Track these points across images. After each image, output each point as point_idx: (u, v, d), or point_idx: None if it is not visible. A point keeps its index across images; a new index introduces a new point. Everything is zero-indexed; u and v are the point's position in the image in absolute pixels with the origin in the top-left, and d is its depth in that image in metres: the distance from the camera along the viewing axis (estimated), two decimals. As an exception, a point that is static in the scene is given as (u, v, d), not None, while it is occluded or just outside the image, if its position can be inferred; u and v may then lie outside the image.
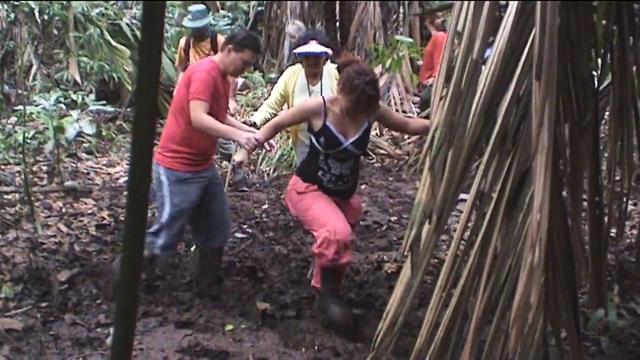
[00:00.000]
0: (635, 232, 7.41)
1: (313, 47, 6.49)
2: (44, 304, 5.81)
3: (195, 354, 4.94)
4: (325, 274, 5.51)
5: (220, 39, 9.55)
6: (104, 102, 11.27)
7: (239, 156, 5.67)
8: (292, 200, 5.61)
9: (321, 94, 6.57)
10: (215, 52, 8.68)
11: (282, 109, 7.05)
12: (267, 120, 6.75)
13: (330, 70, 6.80)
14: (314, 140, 5.39)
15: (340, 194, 5.49)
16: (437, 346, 2.10)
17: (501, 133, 2.02)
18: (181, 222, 5.77)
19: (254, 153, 11.98)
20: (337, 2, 16.50)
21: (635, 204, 8.21)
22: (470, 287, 2.10)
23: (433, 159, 1.97)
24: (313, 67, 6.67)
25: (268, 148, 6.05)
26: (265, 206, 9.27)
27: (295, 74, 6.92)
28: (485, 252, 2.08)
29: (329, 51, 6.68)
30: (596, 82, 2.53)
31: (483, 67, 2.04)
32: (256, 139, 5.27)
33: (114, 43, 11.53)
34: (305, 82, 6.83)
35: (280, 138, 11.48)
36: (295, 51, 6.68)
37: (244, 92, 15.57)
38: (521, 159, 2.07)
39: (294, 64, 7.19)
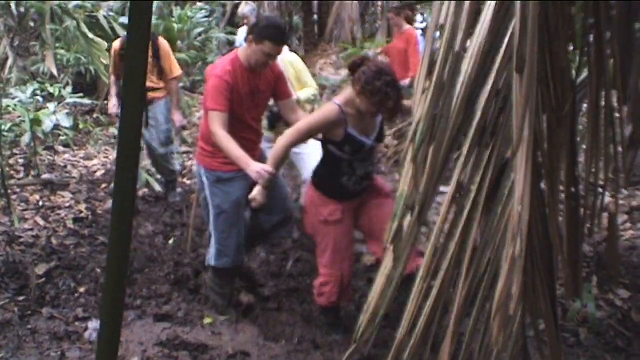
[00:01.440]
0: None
1: None
2: (21, 298, 5.77)
3: (174, 347, 4.93)
4: (325, 311, 5.38)
5: (163, 42, 8.44)
6: (81, 94, 11.23)
7: (257, 195, 4.88)
8: (313, 222, 5.15)
9: None
10: (157, 59, 8.16)
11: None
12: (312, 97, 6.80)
13: (286, 57, 6.65)
14: (334, 150, 4.90)
15: (365, 189, 5.11)
16: (418, 338, 2.11)
17: (481, 125, 2.03)
18: (228, 225, 5.33)
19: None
20: (316, -5, 16.53)
21: (612, 196, 8.26)
22: (450, 278, 2.11)
23: (416, 152, 1.98)
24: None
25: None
26: (244, 200, 9.24)
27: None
28: (465, 244, 2.09)
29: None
30: (574, 74, 2.54)
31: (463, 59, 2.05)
32: (268, 172, 4.80)
33: (90, 35, 11.40)
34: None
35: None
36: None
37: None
38: (500, 151, 2.09)
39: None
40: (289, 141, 4.87)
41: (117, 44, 8.39)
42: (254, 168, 4.83)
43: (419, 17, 13.08)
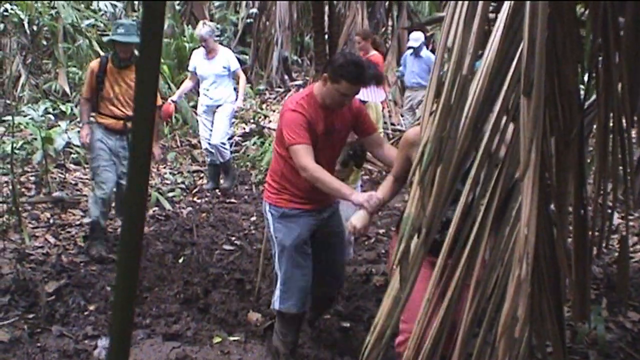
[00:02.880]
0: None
1: (373, 95, 5.82)
2: (30, 316, 5.80)
3: (183, 366, 4.96)
4: None
5: None
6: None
7: (358, 221, 4.35)
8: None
9: None
10: None
11: None
12: None
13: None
14: None
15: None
16: (424, 359, 2.11)
17: (489, 147, 2.04)
18: (291, 264, 5.01)
19: (240, 163, 12.06)
20: (326, 15, 16.56)
21: (622, 218, 8.26)
22: (457, 300, 2.11)
23: (423, 174, 1.99)
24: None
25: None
26: (253, 218, 9.28)
27: None
28: (473, 266, 2.10)
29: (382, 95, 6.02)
30: (583, 97, 2.55)
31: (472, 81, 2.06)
32: (378, 198, 4.36)
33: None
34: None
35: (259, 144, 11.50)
36: (360, 97, 5.32)
37: (233, 104, 15.61)
38: (508, 172, 2.09)
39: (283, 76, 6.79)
40: (395, 172, 4.42)
41: (94, 65, 7.63)
42: (358, 198, 4.45)
43: (413, 35, 12.83)
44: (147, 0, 0.86)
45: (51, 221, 8.43)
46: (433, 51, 12.59)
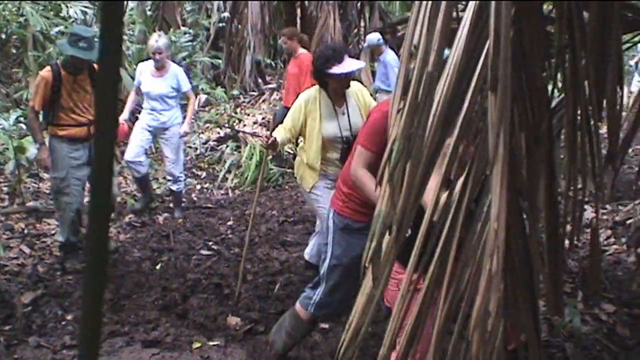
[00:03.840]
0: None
1: (351, 64, 5.80)
2: (7, 327, 5.76)
3: (162, 372, 4.95)
4: None
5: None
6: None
7: None
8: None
9: (348, 117, 6.02)
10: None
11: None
12: (288, 140, 6.28)
13: (353, 87, 6.12)
14: None
15: None
16: (400, 355, 2.13)
17: (458, 144, 2.06)
18: (339, 280, 4.85)
19: (215, 168, 12.04)
20: (298, 17, 16.57)
21: (595, 212, 8.33)
22: (431, 296, 2.13)
23: (392, 171, 2.00)
24: (345, 86, 5.95)
25: None
26: (230, 223, 9.27)
27: (316, 101, 6.10)
28: (445, 262, 2.11)
29: (363, 63, 6.03)
30: (552, 92, 2.58)
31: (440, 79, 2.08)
32: None
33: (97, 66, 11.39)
34: (331, 105, 6.07)
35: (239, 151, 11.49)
36: (333, 72, 5.73)
37: (207, 109, 15.58)
38: (479, 169, 2.11)
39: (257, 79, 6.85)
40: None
41: (46, 75, 7.12)
42: None
43: (368, 37, 12.55)
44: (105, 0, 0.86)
45: (26, 231, 8.38)
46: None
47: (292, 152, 12.37)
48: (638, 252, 6.91)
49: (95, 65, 7.10)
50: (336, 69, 5.69)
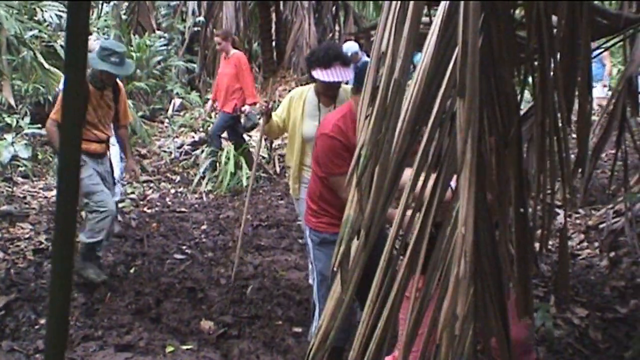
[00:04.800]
0: (570, 243, 7.59)
1: (338, 74, 5.47)
2: (-21, 332, 5.72)
3: (135, 376, 4.92)
4: None
5: (121, 85, 7.43)
6: (39, 125, 11.14)
7: None
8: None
9: None
10: (116, 102, 7.19)
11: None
12: (277, 126, 6.13)
13: (346, 90, 5.83)
14: None
15: None
16: (370, 358, 2.14)
17: (427, 149, 2.08)
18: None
19: (190, 172, 12.01)
20: (273, 22, 16.59)
21: (569, 216, 8.40)
22: (400, 300, 2.14)
23: (360, 176, 2.01)
24: (332, 92, 5.72)
25: None
26: (204, 227, 9.26)
27: (301, 97, 5.96)
28: (415, 267, 2.13)
29: (351, 74, 5.62)
30: (522, 97, 2.60)
31: (408, 85, 2.09)
32: None
33: (47, 66, 11.31)
34: (316, 103, 5.87)
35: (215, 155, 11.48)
36: (314, 75, 5.57)
37: (181, 113, 15.55)
38: (448, 173, 2.13)
39: None
40: None
41: None
42: None
43: (345, 45, 12.12)
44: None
45: (-1, 235, 8.32)
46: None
47: (264, 156, 12.37)
48: (610, 256, 6.98)
49: (118, 81, 7.21)
50: (319, 74, 5.50)
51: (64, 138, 0.88)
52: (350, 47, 11.63)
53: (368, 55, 12.21)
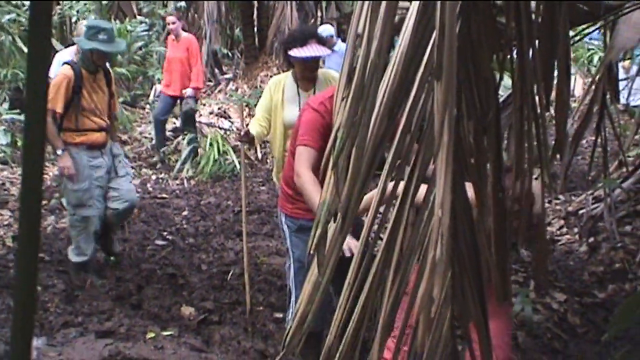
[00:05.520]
0: (550, 229, 7.63)
1: (314, 50, 5.38)
2: (-42, 318, 5.69)
3: (116, 363, 4.91)
4: None
5: (110, 70, 7.12)
6: (18, 111, 11.08)
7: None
8: None
9: None
10: (110, 89, 6.87)
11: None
12: (263, 133, 5.83)
13: (325, 74, 5.82)
14: None
15: None
16: (347, 343, 2.14)
17: (405, 132, 2.08)
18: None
19: (171, 158, 11.97)
20: (255, 7, 16.52)
21: (549, 202, 8.44)
22: (378, 284, 2.14)
23: (336, 158, 2.01)
24: (310, 72, 5.59)
25: None
26: (185, 213, 9.25)
27: (280, 84, 5.78)
28: (392, 250, 2.13)
29: (328, 51, 5.62)
30: (500, 82, 2.60)
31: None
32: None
33: (26, 50, 11.18)
34: (295, 90, 5.71)
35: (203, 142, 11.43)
36: (291, 54, 5.45)
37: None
38: (426, 157, 2.13)
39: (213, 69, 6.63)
40: None
41: (69, 73, 6.47)
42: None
43: (320, 28, 11.97)
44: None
45: (-23, 222, 8.28)
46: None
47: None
48: (589, 242, 7.03)
49: (107, 64, 6.87)
50: (296, 52, 5.39)
51: (28, 132, 0.87)
52: (325, 29, 11.52)
53: (343, 41, 12.19)
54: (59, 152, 6.43)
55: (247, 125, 5.82)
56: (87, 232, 6.54)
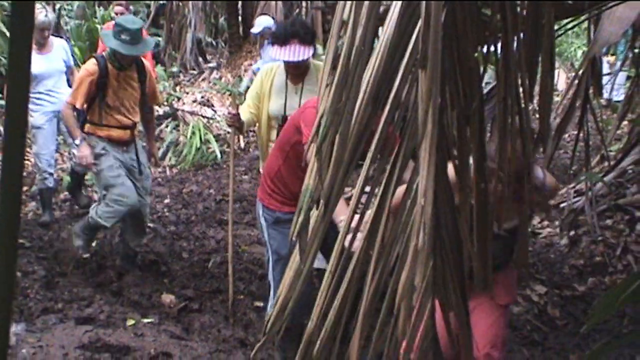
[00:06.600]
0: (532, 222, 7.66)
1: (293, 53, 5.24)
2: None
3: (96, 349, 4.88)
4: None
5: (147, 63, 6.71)
6: (0, 96, 10.98)
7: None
8: None
9: (300, 97, 5.46)
10: (143, 86, 6.48)
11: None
12: (252, 121, 5.75)
13: (317, 65, 5.63)
14: None
15: None
16: (328, 330, 2.14)
17: (388, 120, 2.08)
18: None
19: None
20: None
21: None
22: (359, 272, 2.14)
23: (319, 145, 2.01)
24: (293, 70, 5.47)
25: None
26: (167, 200, 9.23)
27: (270, 73, 5.67)
28: (374, 238, 2.13)
29: (311, 52, 5.35)
30: (484, 72, 2.61)
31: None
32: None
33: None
34: (284, 80, 5.59)
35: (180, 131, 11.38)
36: (271, 55, 5.46)
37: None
38: (409, 145, 2.13)
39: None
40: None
41: (93, 68, 6.22)
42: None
43: (258, 20, 11.50)
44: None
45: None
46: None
47: (228, 131, 12.33)
48: (570, 235, 7.06)
49: (144, 60, 6.53)
50: (276, 52, 5.31)
51: (9, 126, 0.86)
52: (263, 22, 11.13)
53: None
54: (77, 141, 6.26)
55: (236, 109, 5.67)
56: (123, 208, 6.27)
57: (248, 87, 12.40)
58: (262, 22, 11.02)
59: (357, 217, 2.25)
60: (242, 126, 5.65)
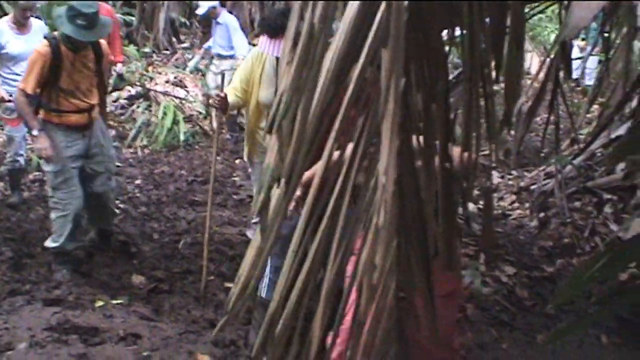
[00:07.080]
0: (502, 203, 7.72)
1: (279, 49, 4.95)
2: None
3: (64, 331, 4.85)
4: None
5: (104, 43, 6.29)
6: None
7: None
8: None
9: None
10: (100, 67, 6.21)
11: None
12: (238, 103, 5.64)
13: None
14: None
15: None
16: (289, 312, 2.14)
17: (352, 99, 2.07)
18: (282, 253, 4.21)
19: (125, 127, 11.87)
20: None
21: (502, 177, 8.53)
22: (322, 253, 2.14)
23: (279, 122, 1.99)
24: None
25: None
26: (138, 181, 9.20)
27: (261, 58, 5.48)
28: (337, 219, 2.12)
29: None
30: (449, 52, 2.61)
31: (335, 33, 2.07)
32: None
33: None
34: (275, 68, 5.33)
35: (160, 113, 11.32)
36: (260, 48, 5.31)
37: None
38: (373, 124, 2.12)
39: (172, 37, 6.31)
40: None
41: (44, 50, 5.86)
42: None
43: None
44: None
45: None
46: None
47: (201, 111, 12.29)
48: (540, 217, 7.12)
49: (101, 40, 6.14)
50: (263, 43, 5.21)
51: None
52: (208, 2, 11.14)
53: (230, 12, 11.80)
54: (35, 132, 5.94)
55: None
56: (65, 217, 6.04)
57: (196, 68, 12.15)
58: (206, 3, 11.09)
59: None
60: (226, 108, 5.55)
